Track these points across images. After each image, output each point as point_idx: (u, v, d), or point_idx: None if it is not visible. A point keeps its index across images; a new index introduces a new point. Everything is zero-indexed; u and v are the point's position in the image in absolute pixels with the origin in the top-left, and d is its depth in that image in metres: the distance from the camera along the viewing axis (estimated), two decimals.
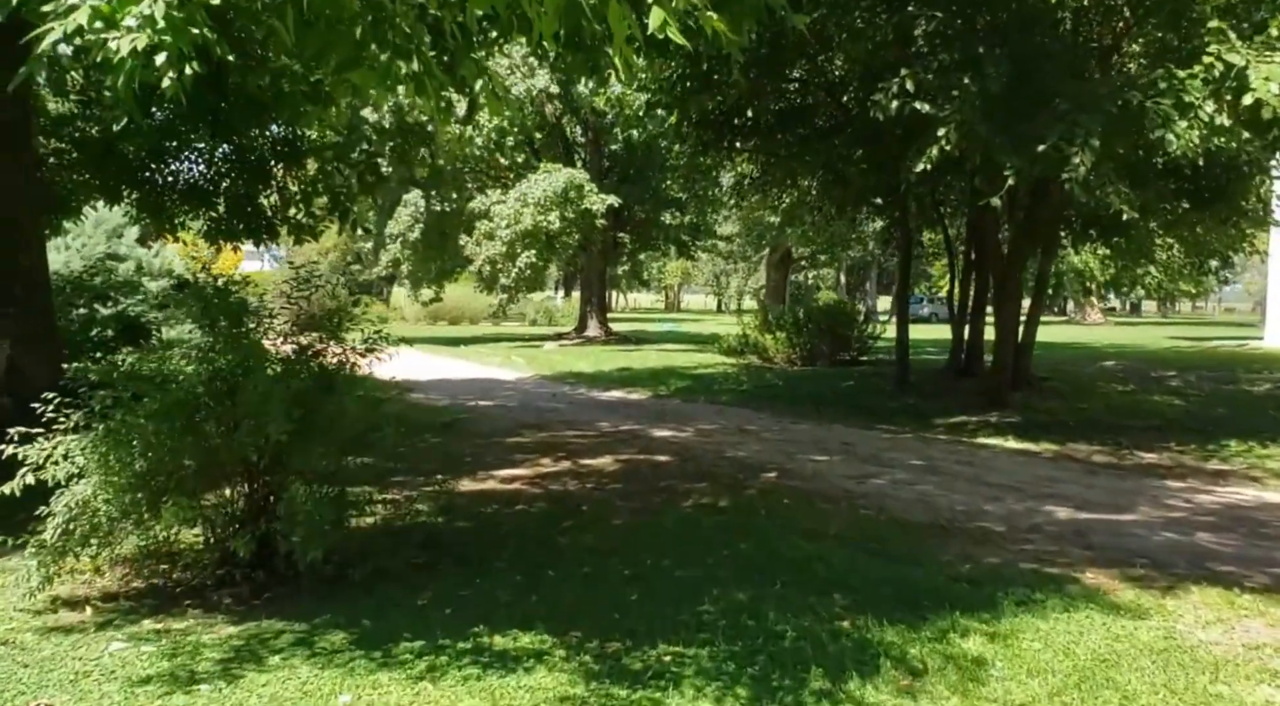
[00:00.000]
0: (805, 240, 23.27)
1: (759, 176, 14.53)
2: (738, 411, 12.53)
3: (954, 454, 9.27)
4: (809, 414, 12.37)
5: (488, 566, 5.22)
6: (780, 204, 15.97)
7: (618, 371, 17.98)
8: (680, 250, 31.28)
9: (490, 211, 25.05)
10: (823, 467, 8.29)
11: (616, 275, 57.91)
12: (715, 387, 15.17)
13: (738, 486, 7.36)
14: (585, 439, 9.75)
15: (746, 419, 11.70)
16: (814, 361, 17.80)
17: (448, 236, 27.25)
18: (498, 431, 10.15)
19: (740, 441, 9.74)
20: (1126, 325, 50.39)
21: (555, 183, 24.66)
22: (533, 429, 10.35)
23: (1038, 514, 6.62)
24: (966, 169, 9.68)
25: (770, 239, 24.23)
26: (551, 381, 17.01)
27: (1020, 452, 9.52)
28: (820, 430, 10.89)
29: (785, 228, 21.84)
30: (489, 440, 9.55)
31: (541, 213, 24.41)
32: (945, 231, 15.15)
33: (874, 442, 9.90)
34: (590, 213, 25.18)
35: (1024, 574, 5.08)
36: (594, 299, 30.94)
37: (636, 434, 10.13)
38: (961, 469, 8.36)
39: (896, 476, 7.96)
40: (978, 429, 11.06)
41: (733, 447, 9.30)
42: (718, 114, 12.41)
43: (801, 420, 11.76)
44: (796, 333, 17.71)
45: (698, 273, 73.76)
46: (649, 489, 7.26)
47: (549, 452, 8.77)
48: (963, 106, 8.86)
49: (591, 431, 10.28)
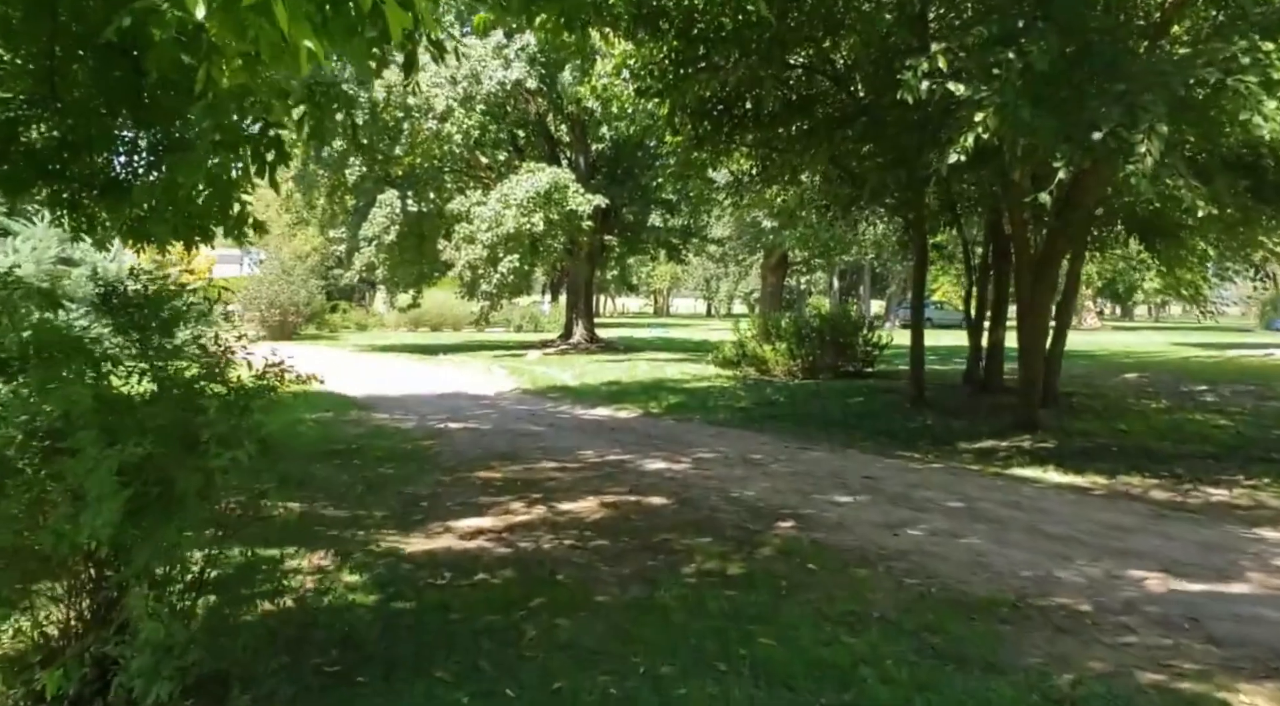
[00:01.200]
0: (803, 244, 21.98)
1: (758, 172, 13.24)
2: (738, 435, 11.21)
3: (994, 490, 7.98)
4: (818, 437, 11.07)
5: (425, 676, 3.89)
6: (781, 203, 14.67)
7: (605, 385, 16.65)
8: (670, 254, 29.98)
9: (470, 213, 23.70)
10: (847, 512, 6.98)
11: (604, 280, 56.60)
12: (711, 404, 13.86)
13: (749, 542, 6.04)
14: (566, 473, 8.41)
15: (749, 444, 10.39)
16: (816, 373, 16.51)
17: (426, 239, 25.88)
18: (466, 462, 8.80)
19: (746, 476, 8.42)
20: (1124, 330, 49.44)
21: (539, 183, 23.36)
22: (506, 459, 9.01)
23: (1123, 582, 5.32)
24: (1004, 160, 8.39)
25: (766, 242, 22.92)
26: (533, 396, 15.67)
27: (1068, 489, 8.24)
28: (834, 458, 9.58)
29: (783, 230, 20.57)
30: (454, 474, 8.20)
31: (524, 214, 23.09)
32: (961, 232, 13.88)
33: (899, 476, 8.60)
34: (576, 214, 23.89)
35: (1148, 693, 3.78)
36: (580, 304, 29.65)
37: (625, 466, 8.80)
38: (1009, 513, 7.07)
39: (936, 524, 6.66)
40: (1011, 456, 9.79)
41: (738, 484, 7.98)
42: (715, 102, 11.13)
43: (811, 445, 10.46)
44: (798, 343, 16.41)
45: (687, 277, 72.52)
46: (641, 546, 5.93)
47: (522, 493, 7.43)
48: (1004, 87, 7.59)
49: (573, 463, 8.94)
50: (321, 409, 12.75)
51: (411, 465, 8.60)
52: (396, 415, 12.54)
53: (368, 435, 10.43)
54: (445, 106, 23.51)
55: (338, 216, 28.10)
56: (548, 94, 25.40)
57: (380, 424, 11.46)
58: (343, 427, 11.03)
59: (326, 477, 8.00)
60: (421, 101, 23.50)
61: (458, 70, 23.37)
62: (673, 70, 10.50)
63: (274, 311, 33.15)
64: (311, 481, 7.78)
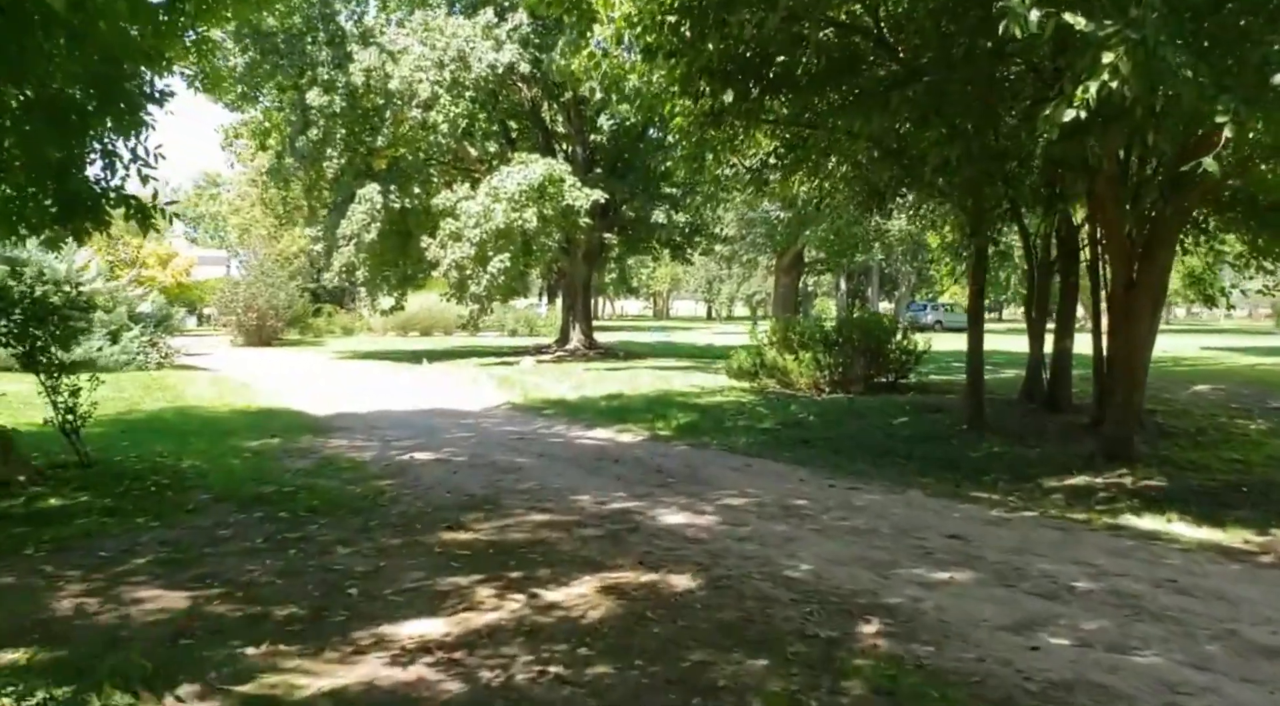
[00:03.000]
0: (825, 241, 19.93)
1: (785, 154, 11.23)
2: (767, 467, 9.21)
3: (1125, 557, 5.97)
4: (866, 471, 9.07)
5: None
6: (806, 193, 12.63)
7: (604, 399, 14.63)
8: (674, 253, 27.97)
9: (457, 208, 21.68)
10: (948, 602, 4.95)
11: (602, 282, 54.57)
12: (729, 425, 11.85)
13: (827, 666, 4.02)
14: (556, 530, 6.38)
15: (784, 482, 8.37)
16: (846, 386, 14.49)
17: (411, 237, 23.84)
18: (425, 515, 6.78)
19: (792, 535, 6.40)
20: None
21: (532, 175, 21.37)
22: (479, 510, 6.97)
23: None
24: (1135, 118, 6.41)
25: (780, 239, 20.89)
26: (523, 413, 13.66)
27: (1217, 550, 6.24)
28: (896, 503, 7.57)
29: (802, 226, 18.56)
30: (406, 536, 6.17)
31: (516, 209, 21.10)
32: (1020, 221, 11.88)
33: (989, 533, 6.58)
34: (572, 209, 21.92)
35: None
36: (577, 307, 27.69)
37: (632, 518, 6.77)
38: (1172, 599, 5.05)
39: (1080, 622, 4.64)
40: (1115, 498, 7.81)
41: (785, 550, 5.96)
42: (739, 63, 9.13)
43: (861, 482, 8.45)
44: (825, 351, 14.38)
45: (689, 278, 70.43)
46: (665, 678, 3.91)
47: (495, 571, 5.39)
48: (1142, 19, 5.62)
49: (566, 514, 6.92)
50: (269, 433, 10.74)
51: (353, 520, 6.57)
52: (358, 440, 10.52)
53: (312, 471, 8.40)
54: (430, 93, 21.50)
55: (317, 214, 26.08)
56: (541, 80, 23.41)
57: (333, 454, 9.43)
58: (284, 460, 9.00)
59: (234, 541, 5.98)
60: (404, 87, 21.50)
61: (444, 52, 21.37)
62: (688, 24, 8.52)
63: (251, 315, 31.06)
64: (214, 551, 5.77)
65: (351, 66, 21.23)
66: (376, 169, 23.23)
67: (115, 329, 19.41)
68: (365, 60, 21.26)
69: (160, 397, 14.31)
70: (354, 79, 21.28)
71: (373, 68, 21.27)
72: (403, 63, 21.43)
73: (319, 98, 21.29)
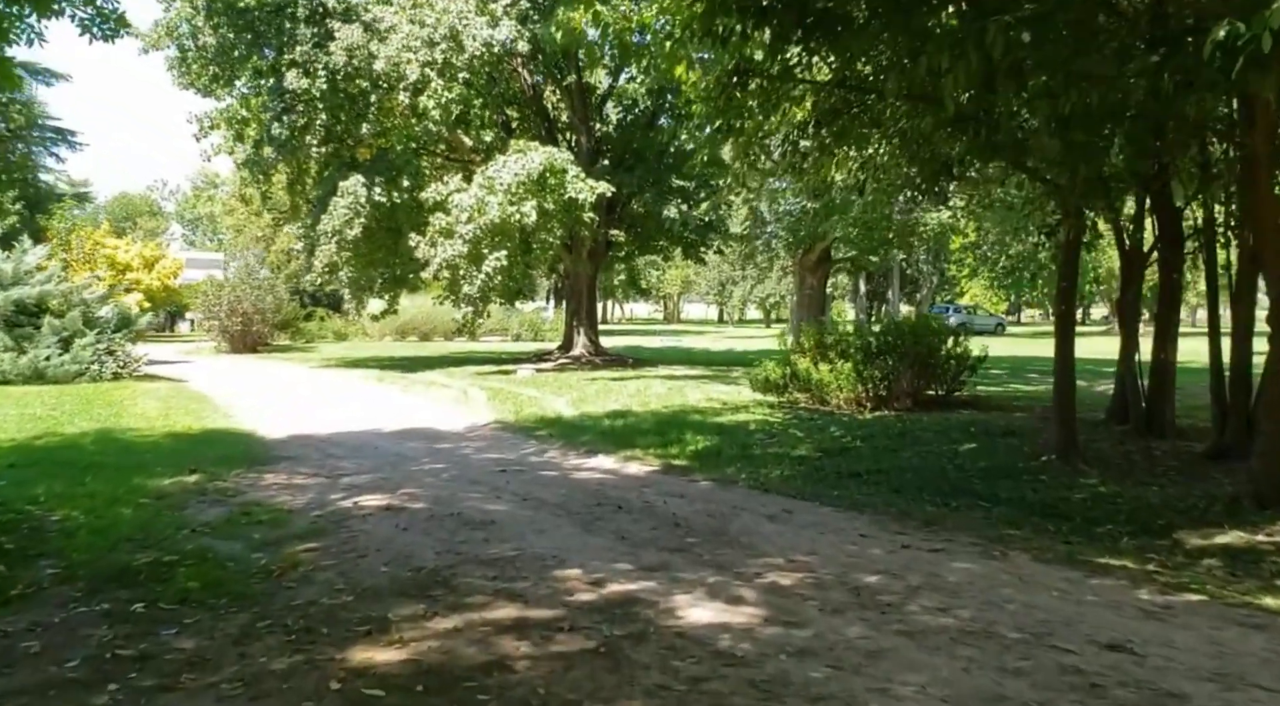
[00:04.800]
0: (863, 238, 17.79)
1: (831, 119, 9.15)
2: (816, 515, 7.14)
3: None
4: (940, 516, 7.02)
5: None
6: (854, 173, 10.53)
7: (609, 417, 12.59)
8: (687, 252, 25.88)
9: (448, 202, 19.65)
10: None
11: (610, 283, 52.46)
12: (757, 453, 9.79)
13: None
14: (524, 645, 4.31)
15: (843, 541, 6.30)
16: (889, 403, 12.41)
17: (401, 235, 21.82)
18: (344, 608, 4.72)
19: (876, 646, 4.32)
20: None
21: (531, 164, 19.34)
22: (421, 597, 4.92)
23: None
24: None
25: (807, 232, 18.80)
26: (512, 434, 11.64)
27: None
28: (1002, 577, 5.48)
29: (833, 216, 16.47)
30: (302, 653, 4.13)
31: (513, 202, 19.06)
32: (1110, 200, 9.77)
33: (1161, 635, 4.49)
34: (576, 203, 19.87)
35: None
36: (582, 311, 25.65)
37: (640, 615, 4.70)
38: None
39: None
40: None
41: (871, 679, 3.88)
42: None
43: (939, 537, 6.38)
44: (866, 361, 12.28)
45: (700, 279, 68.18)
46: None
47: None
48: None
49: (544, 604, 4.85)
50: (195, 465, 8.72)
51: (236, 619, 4.53)
52: (300, 475, 8.50)
53: (216, 528, 6.37)
54: (420, 75, 19.48)
55: (300, 209, 24.13)
56: (542, 61, 21.42)
57: (258, 498, 7.39)
58: (190, 509, 6.97)
59: (32, 666, 3.96)
60: (391, 68, 19.47)
61: (434, 29, 19.36)
62: None
63: (235, 319, 29.10)
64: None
65: (332, 45, 19.24)
66: (361, 160, 21.26)
67: (68, 335, 17.45)
68: (348, 39, 19.26)
69: (92, 418, 12.32)
70: (335, 59, 19.27)
71: (355, 46, 19.26)
72: (389, 41, 19.42)
73: (297, 80, 19.31)
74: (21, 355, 16.50)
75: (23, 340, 16.78)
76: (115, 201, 68.68)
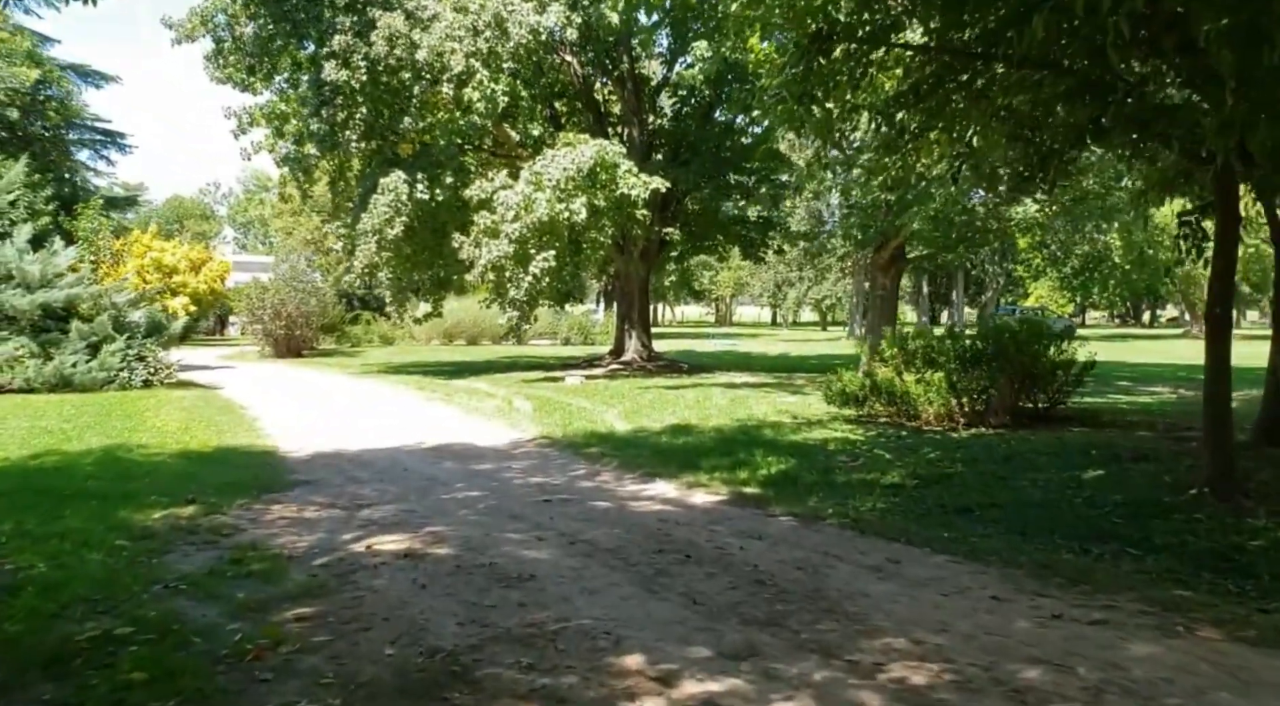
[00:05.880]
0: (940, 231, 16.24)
1: (928, 92, 7.77)
2: (929, 568, 5.75)
3: None
4: (1085, 570, 5.60)
5: None
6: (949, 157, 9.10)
7: (667, 432, 11.32)
8: (745, 250, 24.48)
9: (494, 200, 18.53)
10: None
11: (662, 284, 51.17)
12: (842, 480, 8.42)
13: None
14: None
15: (974, 607, 4.92)
16: (985, 419, 10.93)
17: (446, 235, 20.77)
18: None
19: None
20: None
21: (581, 159, 18.15)
22: (431, 698, 3.69)
23: None
24: None
25: (877, 230, 17.28)
26: (559, 453, 10.41)
27: None
28: (1205, 673, 4.06)
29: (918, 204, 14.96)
30: None
31: (562, 199, 17.88)
32: (1253, 184, 8.22)
33: None
34: (628, 199, 18.64)
35: None
36: (634, 314, 24.38)
37: None
38: None
39: None
40: None
41: None
42: None
43: (1095, 605, 4.96)
44: (962, 370, 10.81)
45: (754, 281, 66.48)
46: None
47: None
48: None
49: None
50: (197, 492, 7.62)
51: None
52: (313, 506, 7.34)
53: (195, 583, 5.20)
54: (465, 66, 18.38)
55: (341, 208, 23.25)
56: (592, 50, 20.21)
57: (257, 538, 6.23)
58: (171, 554, 5.83)
59: None
60: (434, 58, 18.39)
61: (478, 16, 18.25)
62: None
63: (278, 323, 28.35)
64: None
65: (373, 34, 18.23)
66: (403, 155, 20.25)
67: (97, 341, 16.64)
68: (389, 27, 18.23)
69: (105, 432, 11.34)
70: (376, 49, 18.25)
71: (397, 35, 18.22)
72: (432, 30, 18.35)
73: (335, 72, 18.33)
74: (48, 362, 15.70)
75: (49, 346, 16.00)
76: (168, 205, 69.11)
